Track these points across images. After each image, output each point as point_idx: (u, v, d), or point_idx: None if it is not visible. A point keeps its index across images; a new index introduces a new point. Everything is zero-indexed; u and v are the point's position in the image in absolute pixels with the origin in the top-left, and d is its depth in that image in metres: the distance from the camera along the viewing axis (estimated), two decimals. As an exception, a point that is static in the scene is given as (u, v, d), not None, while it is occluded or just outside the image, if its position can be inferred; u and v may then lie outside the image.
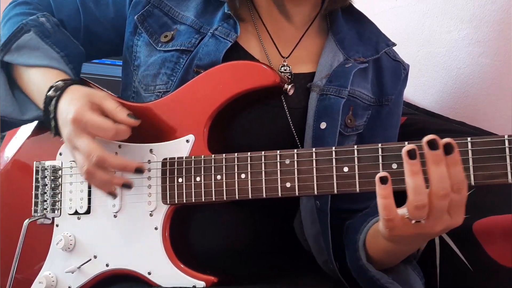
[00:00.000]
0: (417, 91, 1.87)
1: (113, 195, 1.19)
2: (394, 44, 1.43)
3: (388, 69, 1.42)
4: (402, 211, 0.95)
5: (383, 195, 0.93)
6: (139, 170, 1.17)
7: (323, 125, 1.25)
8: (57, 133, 1.22)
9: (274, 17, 1.36)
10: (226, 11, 1.33)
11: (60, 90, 1.22)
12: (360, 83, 1.35)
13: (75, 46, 1.40)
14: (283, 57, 1.36)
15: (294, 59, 1.37)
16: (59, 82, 1.24)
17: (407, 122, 1.69)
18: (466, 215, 1.32)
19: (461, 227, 1.31)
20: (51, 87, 1.23)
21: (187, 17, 1.36)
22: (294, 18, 1.37)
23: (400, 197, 0.96)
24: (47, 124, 1.24)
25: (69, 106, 1.17)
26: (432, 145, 0.89)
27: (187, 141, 1.20)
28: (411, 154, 0.90)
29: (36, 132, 1.44)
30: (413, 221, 0.95)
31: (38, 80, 1.30)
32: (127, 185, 1.18)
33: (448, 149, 0.89)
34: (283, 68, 1.33)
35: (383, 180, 0.92)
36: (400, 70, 1.44)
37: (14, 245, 1.29)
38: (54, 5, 1.44)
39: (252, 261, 1.31)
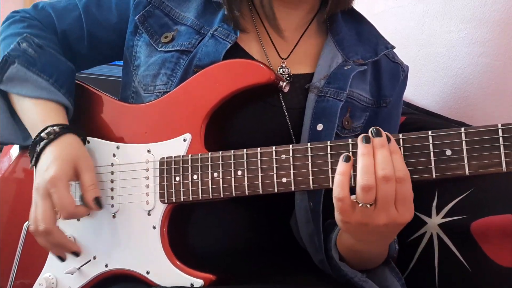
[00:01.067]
0: (417, 91, 1.87)
1: (60, 259, 1.26)
2: (393, 47, 1.43)
3: (387, 71, 1.42)
4: (353, 196, 0.99)
5: (341, 171, 0.99)
6: (75, 254, 1.25)
7: (319, 127, 1.25)
8: (34, 166, 1.25)
9: (273, 18, 1.36)
10: (226, 12, 1.34)
11: (53, 136, 1.23)
12: (359, 85, 1.35)
13: (63, 63, 1.37)
14: (282, 58, 1.36)
15: (293, 60, 1.37)
16: (56, 128, 1.24)
17: (407, 121, 1.68)
18: (465, 215, 1.33)
19: (459, 228, 1.32)
20: (46, 128, 1.24)
21: (188, 18, 1.37)
22: (292, 19, 1.37)
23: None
24: (30, 155, 1.25)
25: (52, 162, 1.19)
26: (376, 133, 1.00)
27: (184, 140, 1.20)
28: (365, 139, 0.99)
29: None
30: (360, 204, 0.98)
31: (30, 111, 1.30)
32: (61, 259, 1.25)
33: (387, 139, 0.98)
34: (281, 69, 1.33)
35: (346, 158, 1.00)
36: (398, 72, 1.44)
37: (14, 247, 1.29)
38: (55, 15, 1.44)
39: (250, 259, 1.30)
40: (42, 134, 1.23)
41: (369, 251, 1.20)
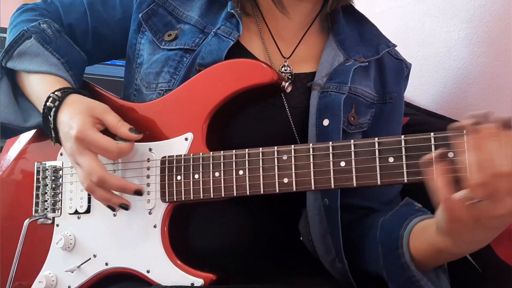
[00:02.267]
0: (417, 91, 1.87)
1: (112, 208, 1.22)
2: (395, 45, 1.44)
3: (391, 68, 1.42)
4: (461, 192, 0.91)
5: (443, 171, 0.92)
6: (138, 193, 1.19)
7: (326, 122, 1.25)
8: (57, 141, 1.24)
9: (276, 16, 1.36)
10: (229, 10, 1.34)
11: (58, 101, 1.23)
12: (362, 81, 1.35)
13: (76, 52, 1.40)
14: (284, 57, 1.36)
15: (295, 59, 1.37)
16: (57, 92, 1.25)
17: (410, 122, 1.68)
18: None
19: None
20: (49, 97, 1.24)
21: (191, 16, 1.37)
22: (295, 16, 1.37)
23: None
24: (47, 133, 1.26)
25: (71, 120, 1.19)
26: (486, 116, 0.89)
27: (186, 139, 1.20)
28: (473, 129, 0.90)
29: (38, 133, 1.45)
30: (469, 200, 0.90)
31: (38, 86, 1.31)
32: (124, 206, 1.21)
33: (506, 124, 0.88)
34: (283, 68, 1.33)
35: (443, 156, 0.93)
36: (402, 69, 1.44)
37: (15, 244, 1.29)
38: (62, 9, 1.46)
39: (251, 259, 1.30)
40: (47, 104, 1.24)
41: (457, 253, 1.11)
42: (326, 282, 1.29)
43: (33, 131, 1.46)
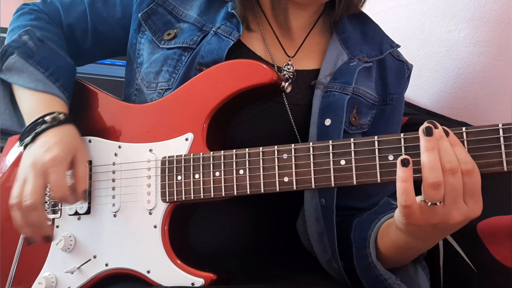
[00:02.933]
0: (418, 91, 1.87)
1: (28, 242, 1.25)
2: (398, 46, 1.44)
3: (392, 69, 1.42)
4: (419, 197, 0.95)
5: (403, 178, 0.94)
6: (46, 238, 1.25)
7: (327, 122, 1.25)
8: (24, 145, 1.25)
9: (279, 19, 1.36)
10: (229, 10, 1.34)
11: (57, 122, 1.25)
12: (364, 82, 1.35)
13: (62, 60, 1.38)
14: (289, 57, 1.36)
15: (299, 58, 1.37)
16: (61, 115, 1.26)
17: (409, 122, 1.68)
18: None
19: (465, 228, 1.31)
20: (52, 113, 1.26)
21: (191, 15, 1.37)
22: (299, 17, 1.37)
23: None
24: (26, 134, 1.25)
25: (56, 145, 1.20)
26: (435, 125, 0.94)
27: (186, 139, 1.20)
28: (427, 131, 0.94)
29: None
30: (429, 203, 0.93)
31: (27, 101, 1.31)
32: (28, 242, 1.24)
33: (445, 132, 0.94)
34: (286, 66, 1.33)
35: (404, 163, 0.94)
36: (404, 70, 1.44)
37: (15, 245, 1.29)
38: (62, 9, 1.46)
39: (252, 260, 1.31)
40: (46, 118, 1.24)
41: (418, 249, 1.16)
42: (326, 281, 1.28)
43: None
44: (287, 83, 1.23)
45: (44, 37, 1.37)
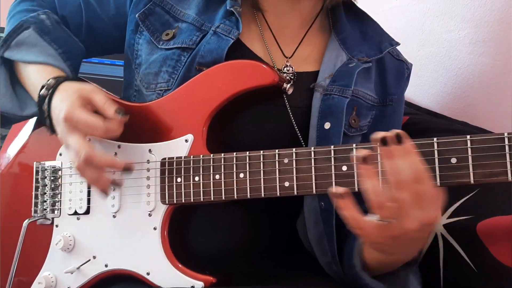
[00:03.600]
0: (418, 91, 1.87)
1: (105, 193, 1.20)
2: (398, 44, 1.43)
3: (392, 69, 1.42)
4: (372, 217, 0.96)
5: (342, 208, 0.95)
6: (127, 169, 1.17)
7: (327, 125, 1.25)
8: (54, 131, 1.22)
9: (277, 14, 1.36)
10: (228, 8, 1.33)
11: (52, 89, 1.22)
12: (364, 84, 1.35)
13: (74, 43, 1.40)
14: (286, 57, 1.36)
15: (297, 58, 1.37)
16: (50, 80, 1.24)
17: (409, 121, 1.68)
18: (470, 216, 1.32)
19: (465, 228, 1.31)
20: (43, 86, 1.23)
21: (189, 15, 1.36)
22: (297, 14, 1.36)
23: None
24: (43, 122, 1.24)
25: (61, 103, 1.17)
26: (384, 142, 0.91)
27: (186, 140, 1.20)
28: (364, 159, 0.93)
29: (36, 133, 1.44)
30: (379, 220, 0.95)
31: (34, 77, 1.30)
32: (116, 183, 1.20)
33: (398, 139, 0.91)
34: (285, 68, 1.33)
35: (341, 195, 0.95)
36: (403, 70, 1.44)
37: (14, 245, 1.29)
38: (57, 1, 1.45)
39: (252, 261, 1.30)
40: (41, 92, 1.23)
41: (403, 259, 1.16)
42: (326, 282, 1.28)
43: (30, 131, 1.45)
44: (288, 85, 1.23)
45: (60, 21, 1.39)
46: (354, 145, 1.03)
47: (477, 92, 1.67)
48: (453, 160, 0.94)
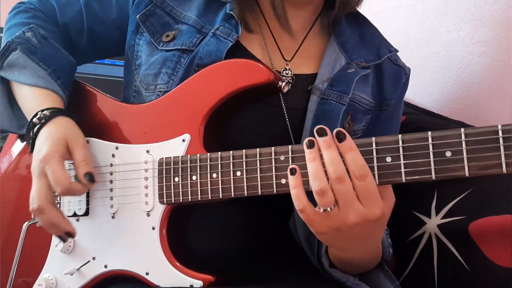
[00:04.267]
0: (417, 91, 1.87)
1: (62, 239, 1.24)
2: (397, 51, 1.43)
3: (389, 74, 1.41)
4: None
5: (293, 185, 1.00)
6: (68, 234, 1.22)
7: None
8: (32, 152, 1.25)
9: (276, 20, 1.36)
10: (228, 11, 1.33)
11: (44, 120, 1.23)
12: (360, 87, 1.34)
13: (64, 58, 1.39)
14: (286, 60, 1.36)
15: (296, 61, 1.37)
16: (46, 112, 1.24)
17: (406, 121, 1.68)
18: (463, 216, 1.32)
19: (458, 228, 1.31)
20: (36, 114, 1.24)
21: (189, 17, 1.36)
22: (295, 21, 1.36)
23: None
24: (27, 143, 1.26)
25: (45, 142, 1.19)
26: (320, 133, 0.99)
27: (183, 140, 1.20)
28: (309, 144, 0.99)
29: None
30: (322, 210, 0.97)
31: (27, 98, 1.31)
32: (61, 238, 1.23)
33: (339, 137, 0.97)
34: (285, 71, 1.33)
35: (292, 171, 1.00)
36: (401, 75, 1.43)
37: (14, 247, 1.29)
38: (58, 8, 1.45)
39: (251, 261, 1.30)
40: (34, 120, 1.24)
41: (359, 258, 1.18)
42: (326, 281, 1.28)
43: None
44: (284, 83, 1.23)
45: (47, 35, 1.38)
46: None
47: (477, 92, 1.67)
48: (448, 154, 0.94)
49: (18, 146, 1.47)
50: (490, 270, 1.25)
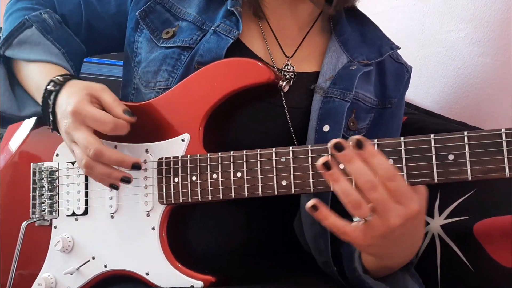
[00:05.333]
0: (417, 91, 1.86)
1: (115, 187, 1.19)
2: (398, 48, 1.43)
3: (391, 72, 1.41)
4: (355, 221, 0.96)
5: (320, 219, 0.94)
6: (136, 166, 1.16)
7: (326, 128, 1.24)
8: (55, 128, 1.23)
9: (278, 15, 1.36)
10: (228, 7, 1.33)
11: (59, 85, 1.22)
12: (364, 86, 1.34)
13: (76, 43, 1.41)
14: (287, 57, 1.35)
15: (298, 59, 1.36)
16: (59, 77, 1.24)
17: (407, 121, 1.68)
18: (467, 216, 1.32)
19: (462, 229, 1.31)
20: (51, 81, 1.23)
21: (189, 13, 1.36)
22: (298, 15, 1.36)
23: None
24: (45, 118, 1.24)
25: (69, 99, 1.17)
26: (338, 148, 0.90)
27: (183, 140, 1.19)
28: (326, 165, 0.91)
29: (33, 134, 1.44)
30: (361, 222, 0.94)
31: (38, 75, 1.30)
32: (126, 180, 1.16)
33: (358, 145, 0.90)
34: (286, 67, 1.32)
35: (314, 208, 0.94)
36: (403, 73, 1.43)
37: (13, 247, 1.29)
38: (56, 0, 1.45)
39: (250, 261, 1.30)
40: (48, 87, 1.23)
41: (400, 262, 1.15)
42: (325, 281, 1.28)
43: (27, 132, 1.45)
44: (284, 82, 1.22)
45: (61, 21, 1.39)
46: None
47: (477, 92, 1.67)
48: (451, 157, 0.93)
49: (15, 142, 1.46)
50: (494, 271, 1.25)
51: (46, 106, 1.23)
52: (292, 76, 1.32)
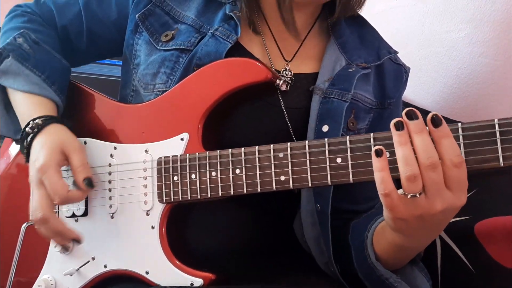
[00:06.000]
0: (417, 91, 1.86)
1: (64, 249, 1.26)
2: (396, 52, 1.44)
3: (390, 73, 1.41)
4: (400, 190, 0.94)
5: (378, 168, 0.92)
6: (76, 241, 1.25)
7: (325, 128, 1.24)
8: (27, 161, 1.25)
9: (278, 20, 1.36)
10: (227, 12, 1.33)
11: (37, 129, 1.23)
12: (362, 87, 1.34)
13: (57, 61, 1.38)
14: (286, 61, 1.36)
15: (296, 61, 1.36)
16: (38, 120, 1.25)
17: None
18: (468, 216, 1.32)
19: (463, 228, 1.31)
20: (29, 123, 1.25)
21: (188, 16, 1.36)
22: (296, 21, 1.36)
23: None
24: (22, 153, 1.27)
25: (40, 151, 1.20)
26: (411, 116, 0.91)
27: (182, 139, 1.19)
28: (398, 125, 0.91)
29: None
30: (409, 196, 0.92)
31: (22, 106, 1.31)
32: (65, 247, 1.26)
33: (435, 122, 0.91)
34: (285, 72, 1.32)
35: (378, 153, 0.92)
36: (401, 74, 1.43)
37: (13, 248, 1.29)
38: (56, 11, 1.45)
39: (250, 260, 1.30)
40: (26, 129, 1.24)
41: (416, 247, 1.14)
42: (325, 281, 1.28)
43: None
44: (281, 81, 1.23)
45: (39, 39, 1.36)
46: (347, 137, 1.02)
47: (477, 92, 1.67)
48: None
49: (16, 147, 1.46)
50: (495, 271, 1.24)
51: (23, 145, 1.25)
52: (290, 81, 1.32)
